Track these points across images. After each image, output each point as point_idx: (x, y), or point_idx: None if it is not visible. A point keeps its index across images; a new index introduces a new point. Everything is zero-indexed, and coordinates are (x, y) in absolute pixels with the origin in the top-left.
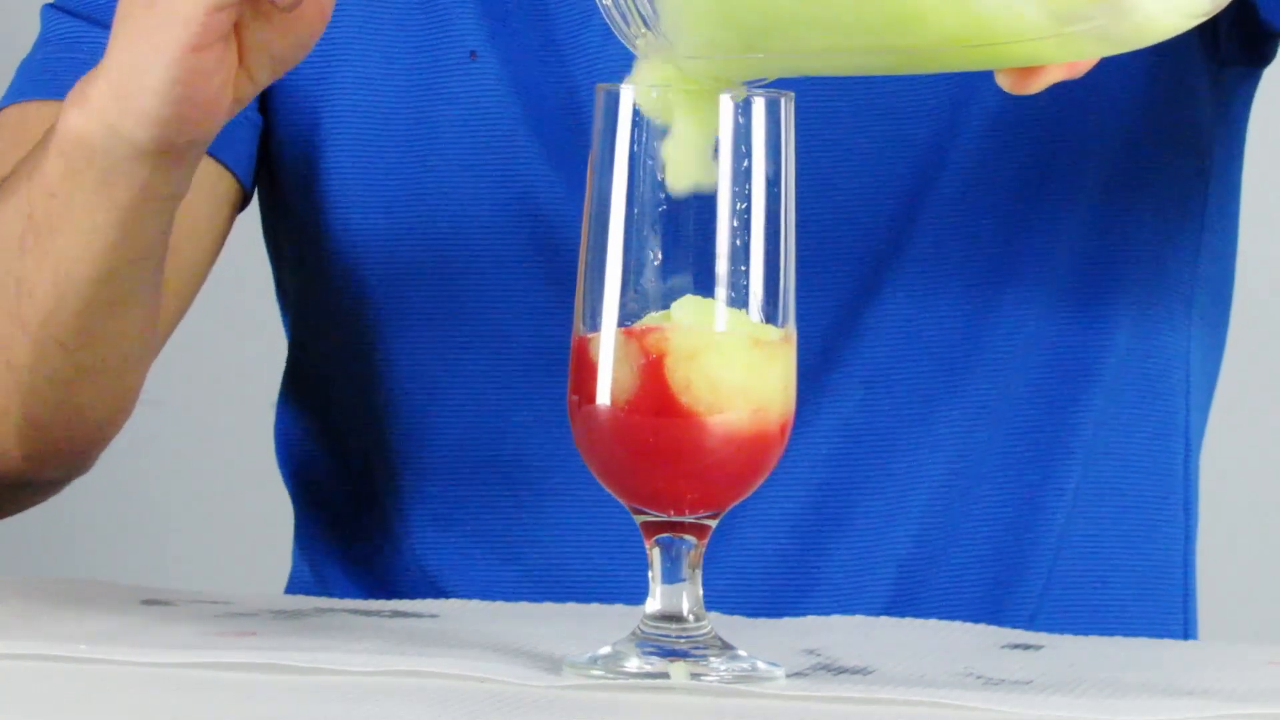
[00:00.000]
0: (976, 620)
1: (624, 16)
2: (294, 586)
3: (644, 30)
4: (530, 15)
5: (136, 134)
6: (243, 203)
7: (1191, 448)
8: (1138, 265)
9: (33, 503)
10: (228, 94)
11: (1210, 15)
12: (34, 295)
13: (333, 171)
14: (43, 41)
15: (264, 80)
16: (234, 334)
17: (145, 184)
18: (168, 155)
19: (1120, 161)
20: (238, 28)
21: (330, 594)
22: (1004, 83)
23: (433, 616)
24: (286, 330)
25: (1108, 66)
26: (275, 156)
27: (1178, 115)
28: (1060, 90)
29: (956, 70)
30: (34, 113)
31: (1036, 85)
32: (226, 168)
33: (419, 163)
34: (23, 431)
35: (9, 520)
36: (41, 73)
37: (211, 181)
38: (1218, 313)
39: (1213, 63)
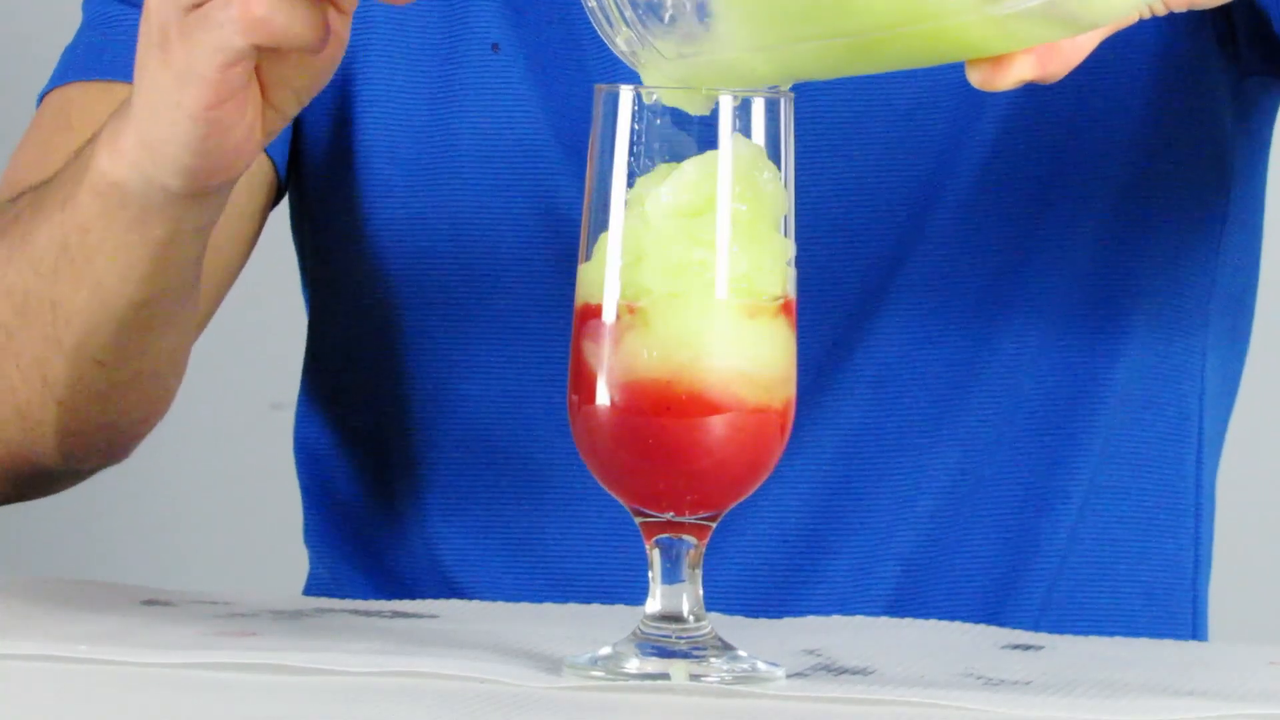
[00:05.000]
0: (978, 622)
1: (606, 18)
2: (312, 588)
3: (625, 30)
4: (551, 10)
5: (169, 182)
6: (278, 194)
7: (1205, 455)
8: (1153, 272)
9: (71, 484)
10: (256, 134)
11: None
12: (70, 319)
13: (356, 159)
14: (84, 27)
15: (291, 112)
16: (238, 334)
17: (179, 220)
18: (202, 195)
19: (1136, 170)
20: (257, 69)
21: (344, 590)
22: (973, 78)
23: (433, 617)
24: (309, 319)
25: (1117, 73)
26: (302, 144)
27: (1197, 125)
28: (1073, 93)
29: (911, 65)
30: (76, 95)
31: (1004, 79)
32: (266, 154)
33: (440, 152)
34: (60, 438)
35: (9, 520)
36: (83, 56)
37: (252, 170)
38: (1237, 322)
39: (1233, 72)
